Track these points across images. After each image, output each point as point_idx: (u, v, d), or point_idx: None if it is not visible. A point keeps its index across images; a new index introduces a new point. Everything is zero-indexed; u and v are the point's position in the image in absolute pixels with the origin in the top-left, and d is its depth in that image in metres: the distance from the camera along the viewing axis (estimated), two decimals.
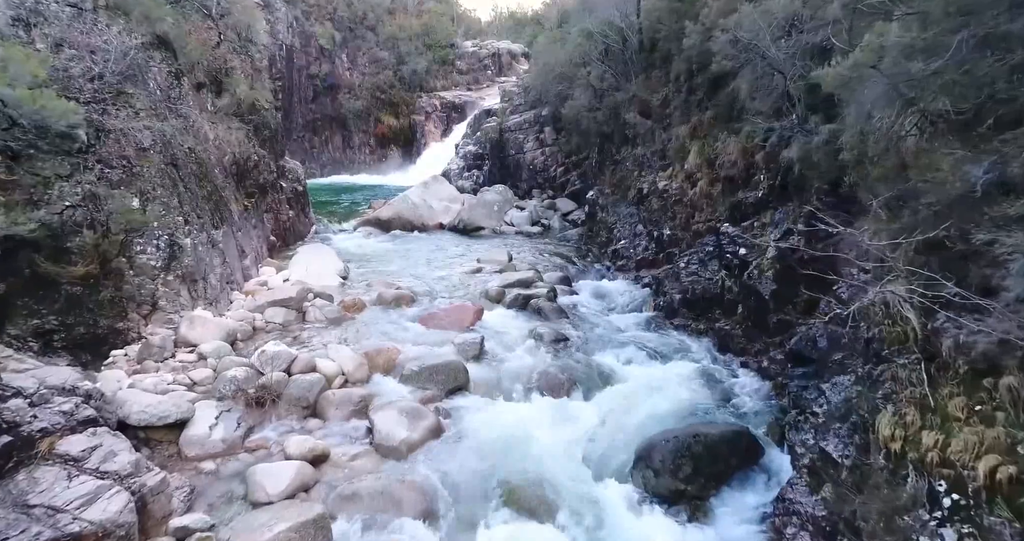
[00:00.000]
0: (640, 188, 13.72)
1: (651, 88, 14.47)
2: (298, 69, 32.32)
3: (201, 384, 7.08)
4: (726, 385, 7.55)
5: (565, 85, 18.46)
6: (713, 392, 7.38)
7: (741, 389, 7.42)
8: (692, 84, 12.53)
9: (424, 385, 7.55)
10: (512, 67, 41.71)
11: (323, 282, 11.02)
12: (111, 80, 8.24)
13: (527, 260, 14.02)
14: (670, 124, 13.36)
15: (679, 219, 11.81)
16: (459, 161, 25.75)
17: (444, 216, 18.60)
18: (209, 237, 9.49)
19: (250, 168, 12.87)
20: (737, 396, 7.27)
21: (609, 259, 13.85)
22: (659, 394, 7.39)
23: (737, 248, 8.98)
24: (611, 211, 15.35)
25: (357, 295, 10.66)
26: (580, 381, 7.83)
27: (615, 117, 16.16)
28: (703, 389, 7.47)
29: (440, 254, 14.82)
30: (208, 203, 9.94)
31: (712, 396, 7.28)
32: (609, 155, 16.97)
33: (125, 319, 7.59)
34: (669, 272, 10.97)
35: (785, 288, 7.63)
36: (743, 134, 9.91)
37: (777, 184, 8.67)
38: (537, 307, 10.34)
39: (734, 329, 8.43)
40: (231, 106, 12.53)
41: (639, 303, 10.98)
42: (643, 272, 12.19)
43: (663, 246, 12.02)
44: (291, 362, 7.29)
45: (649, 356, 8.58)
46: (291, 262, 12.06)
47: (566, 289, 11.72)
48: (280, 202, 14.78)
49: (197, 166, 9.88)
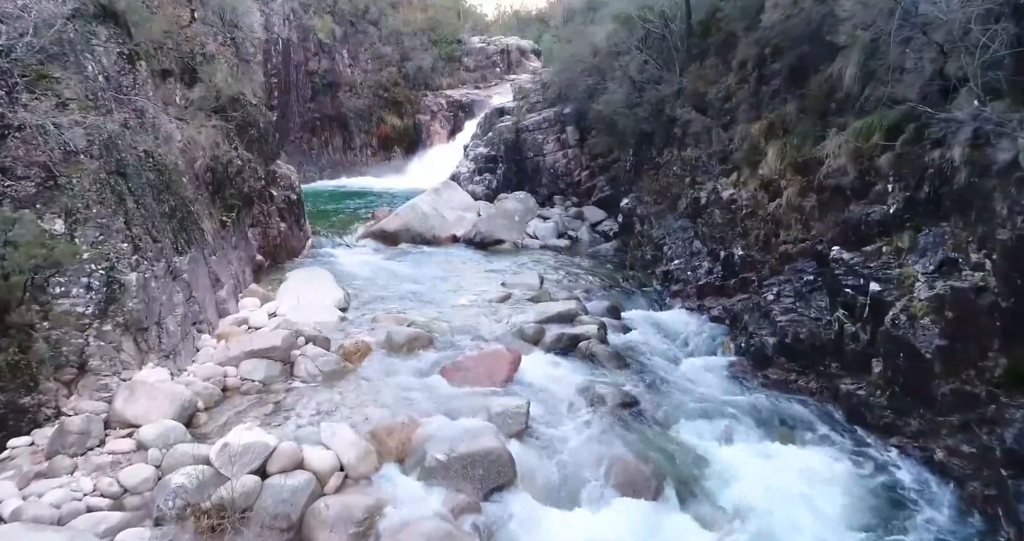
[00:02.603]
0: (696, 197, 11.52)
1: (706, 79, 12.27)
2: (295, 65, 30.17)
3: (135, 492, 4.89)
4: (885, 485, 5.36)
5: (595, 78, 16.27)
6: (870, 498, 5.19)
7: (912, 492, 5.22)
8: (765, 71, 10.34)
9: (455, 483, 5.37)
10: (522, 64, 39.63)
11: (318, 317, 8.84)
12: (26, 58, 6.07)
13: (561, 283, 11.85)
14: (733, 121, 11.16)
15: (754, 237, 9.60)
16: (469, 164, 23.56)
17: (458, 227, 16.43)
18: (169, 267, 7.31)
19: (231, 175, 10.69)
20: (912, 506, 5.07)
21: (659, 281, 11.66)
22: (788, 500, 5.21)
23: (861, 281, 6.78)
24: (655, 223, 13.15)
25: (360, 336, 8.48)
26: (669, 474, 5.64)
27: (657, 114, 13.98)
28: (852, 492, 5.28)
29: (457, 275, 12.63)
30: (170, 222, 7.76)
31: (871, 506, 5.09)
32: (648, 158, 14.78)
33: (34, 391, 5.42)
34: (749, 305, 8.77)
35: (961, 345, 5.44)
36: (853, 131, 7.73)
37: (923, 196, 6.47)
38: (588, 352, 8.14)
39: (872, 395, 6.22)
40: (207, 100, 10.35)
41: (712, 344, 8.78)
42: (708, 301, 9.98)
43: (734, 270, 9.81)
44: (267, 457, 5.11)
45: (751, 430, 6.39)
46: (280, 290, 9.88)
47: (616, 323, 9.52)
48: (269, 214, 12.60)
49: (155, 175, 7.71)
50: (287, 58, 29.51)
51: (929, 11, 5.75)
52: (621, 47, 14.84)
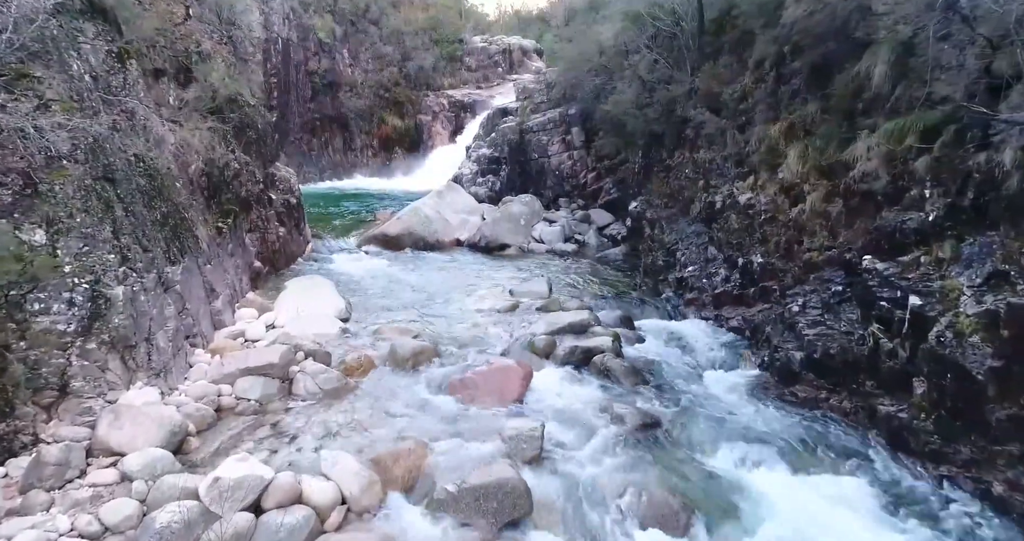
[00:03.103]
0: (711, 201, 11.08)
1: (720, 78, 11.83)
2: (295, 65, 29.74)
3: (117, 531, 4.45)
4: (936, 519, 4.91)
5: (603, 78, 15.82)
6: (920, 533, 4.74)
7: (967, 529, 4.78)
8: (784, 70, 9.90)
9: (467, 517, 4.94)
10: (524, 64, 39.22)
11: (318, 329, 8.41)
12: (4, 56, 5.65)
13: (570, 291, 11.41)
14: (749, 122, 10.72)
15: (775, 244, 9.16)
16: (472, 165, 23.15)
17: (461, 231, 16.00)
18: (161, 278, 6.88)
19: (228, 179, 10.26)
20: None
21: (673, 289, 11.21)
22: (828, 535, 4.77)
23: (898, 293, 6.35)
24: (666, 228, 12.71)
25: (362, 349, 8.05)
26: (698, 505, 5.20)
27: (668, 115, 13.54)
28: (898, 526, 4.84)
29: (462, 281, 12.19)
30: (163, 230, 7.33)
31: None
32: (658, 160, 14.34)
33: (9, 417, 4.99)
34: (772, 316, 8.34)
35: (1019, 367, 5.00)
36: (884, 132, 7.29)
37: (966, 203, 6.03)
38: (603, 366, 7.71)
39: (915, 418, 5.77)
40: (203, 101, 9.92)
41: (732, 357, 8.35)
42: (726, 310, 9.55)
43: (753, 278, 9.37)
44: (262, 491, 4.68)
45: (783, 455, 5.95)
46: (278, 300, 9.44)
47: (630, 334, 9.08)
48: (268, 219, 12.17)
49: (147, 180, 7.28)
50: (287, 58, 29.12)
51: (981, 2, 5.31)
52: (630, 46, 14.38)
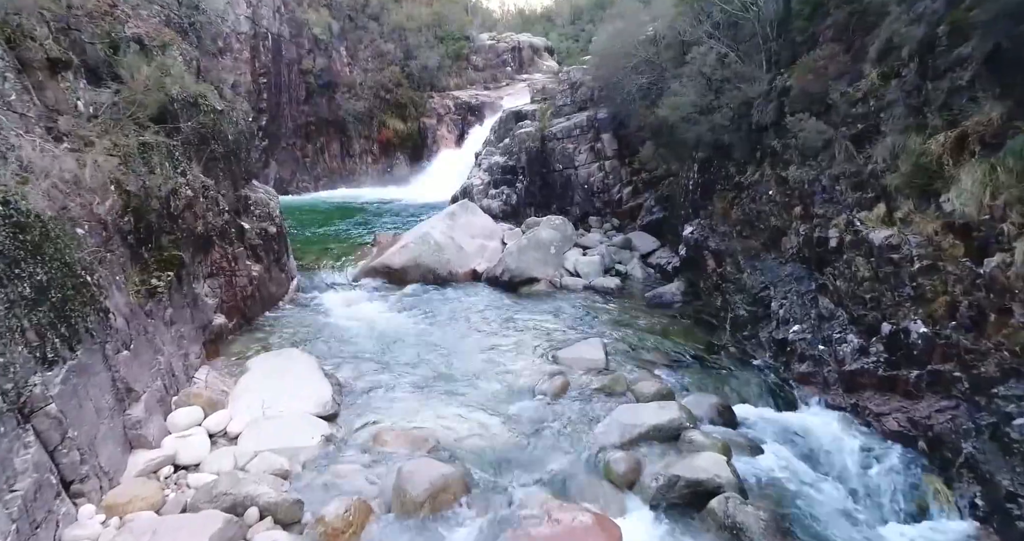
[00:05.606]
0: (820, 237, 8.34)
1: (821, 74, 9.11)
2: (287, 63, 27.04)
3: None
4: None
5: (650, 76, 13.07)
6: None
7: None
8: (936, 60, 7.18)
9: None
10: (535, 63, 36.56)
11: (288, 440, 5.70)
12: None
13: (631, 354, 8.66)
14: (873, 130, 8.01)
15: (947, 308, 6.40)
16: (483, 175, 20.43)
17: (478, 259, 13.28)
18: (18, 400, 4.17)
19: (174, 212, 7.55)
20: None
21: (771, 354, 8.46)
22: None
23: None
24: (744, 265, 10.00)
25: (354, 478, 5.32)
26: None
27: (738, 120, 10.82)
28: None
29: (485, 335, 9.45)
30: (33, 313, 4.62)
31: None
32: (723, 176, 11.63)
33: None
34: (968, 424, 5.59)
35: None
36: None
37: None
38: (729, 519, 4.94)
39: None
40: (136, 105, 7.21)
41: (908, 488, 5.58)
42: (871, 400, 6.77)
43: (912, 355, 6.60)
44: None
45: None
46: (236, 388, 6.68)
47: (739, 440, 6.33)
48: (236, 257, 9.45)
49: (9, 235, 4.58)
50: (278, 55, 26.43)
51: None
52: (689, 36, 11.65)
